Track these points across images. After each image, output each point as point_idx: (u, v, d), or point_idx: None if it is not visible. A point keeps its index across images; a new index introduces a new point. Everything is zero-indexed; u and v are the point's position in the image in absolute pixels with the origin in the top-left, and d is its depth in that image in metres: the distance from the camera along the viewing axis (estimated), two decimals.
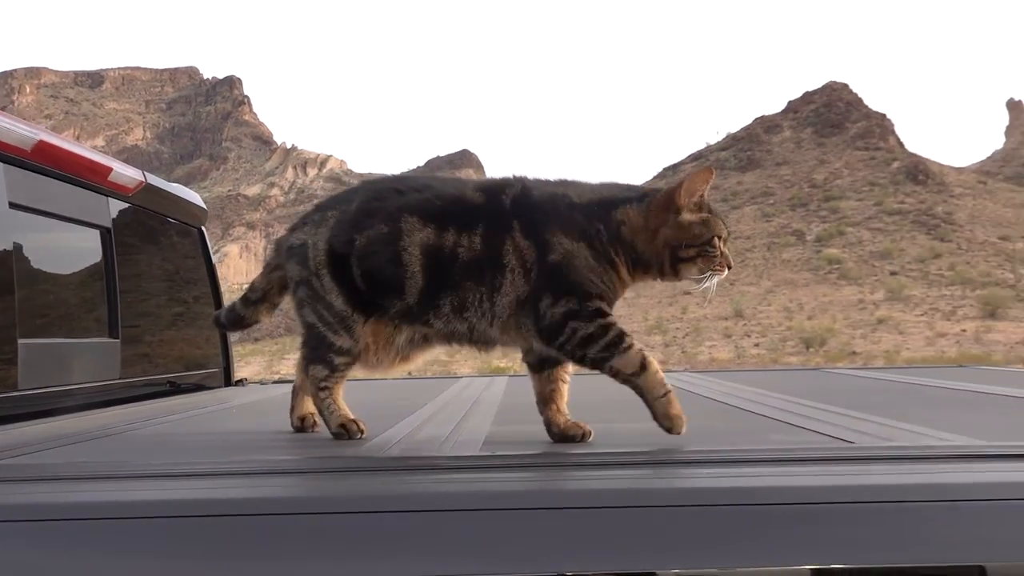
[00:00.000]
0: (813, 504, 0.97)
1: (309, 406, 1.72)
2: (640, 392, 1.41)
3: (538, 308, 1.41)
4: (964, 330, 48.67)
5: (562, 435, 1.49)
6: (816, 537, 0.94)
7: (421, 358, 1.64)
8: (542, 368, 1.53)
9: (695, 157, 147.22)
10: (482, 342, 1.51)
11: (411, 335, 1.54)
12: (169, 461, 1.33)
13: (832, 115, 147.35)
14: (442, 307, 1.46)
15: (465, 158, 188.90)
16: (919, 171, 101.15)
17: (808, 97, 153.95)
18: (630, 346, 1.41)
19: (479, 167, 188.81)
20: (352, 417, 1.58)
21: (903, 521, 0.94)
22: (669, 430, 1.40)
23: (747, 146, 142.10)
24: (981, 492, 0.98)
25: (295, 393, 1.76)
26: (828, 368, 3.27)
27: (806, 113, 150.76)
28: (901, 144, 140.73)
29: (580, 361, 1.44)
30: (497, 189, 1.49)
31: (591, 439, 1.47)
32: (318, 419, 1.68)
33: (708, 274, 1.46)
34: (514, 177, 1.53)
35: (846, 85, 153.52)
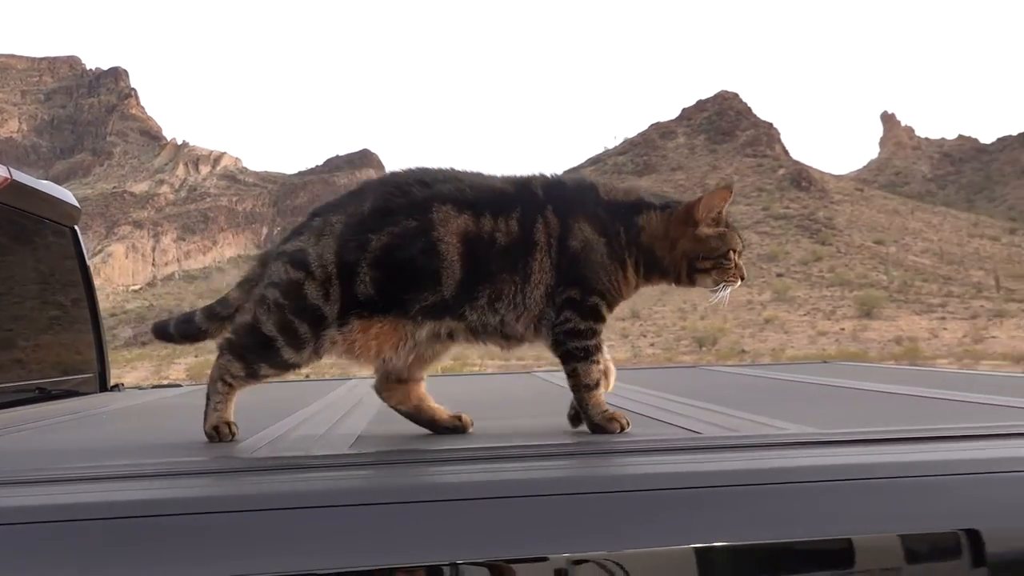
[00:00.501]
0: (654, 491, 1.03)
1: (418, 392, 1.63)
2: (580, 403, 1.48)
3: (552, 290, 1.45)
4: (843, 329, 51.54)
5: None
6: (655, 520, 1.00)
7: (444, 356, 1.61)
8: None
9: (594, 160, 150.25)
10: (510, 337, 1.49)
11: (435, 330, 1.48)
12: (28, 467, 1.28)
13: (723, 123, 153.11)
14: (479, 298, 1.44)
15: (365, 158, 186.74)
16: (803, 178, 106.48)
17: (701, 105, 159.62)
18: (597, 361, 1.47)
19: (379, 167, 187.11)
20: (226, 420, 1.53)
21: (737, 503, 1.03)
22: (599, 431, 1.47)
23: (644, 151, 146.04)
24: (803, 475, 1.08)
25: (418, 415, 1.62)
26: (706, 366, 3.45)
27: (699, 120, 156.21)
28: (787, 152, 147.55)
29: (555, 347, 1.47)
30: (527, 180, 1.52)
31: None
32: (429, 404, 1.62)
33: (722, 285, 1.51)
34: (539, 173, 1.56)
35: (736, 95, 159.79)
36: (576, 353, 1.45)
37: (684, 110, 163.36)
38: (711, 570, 1.00)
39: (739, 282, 1.50)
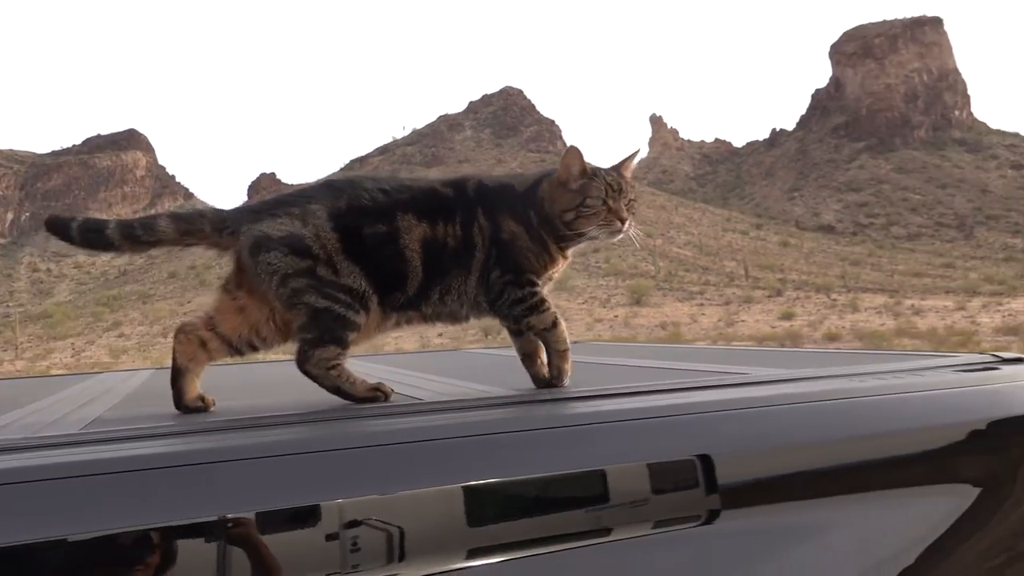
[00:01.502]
0: (376, 447, 1.19)
1: (197, 387, 1.65)
2: (547, 344, 1.67)
3: (489, 279, 1.64)
4: (616, 315, 55.19)
5: (547, 383, 1.72)
6: (373, 471, 1.16)
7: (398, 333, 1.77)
8: (521, 332, 1.73)
9: (382, 150, 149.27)
10: (455, 318, 1.68)
11: (399, 320, 1.64)
12: None
13: (508, 118, 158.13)
14: (434, 292, 1.62)
15: (132, 139, 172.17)
16: None
17: (487, 99, 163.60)
18: (547, 308, 1.66)
19: (149, 149, 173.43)
20: (376, 382, 1.60)
21: (440, 454, 1.21)
22: (555, 378, 1.68)
23: (432, 142, 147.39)
24: (488, 428, 1.27)
25: (181, 375, 1.61)
26: (469, 349, 3.63)
27: (485, 115, 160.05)
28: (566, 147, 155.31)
29: (506, 317, 1.66)
30: (462, 183, 1.69)
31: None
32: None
33: (602, 229, 1.66)
34: (471, 174, 1.74)
35: (521, 91, 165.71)
36: (524, 313, 1.65)
37: (471, 104, 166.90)
38: (429, 510, 1.16)
39: (620, 223, 1.65)
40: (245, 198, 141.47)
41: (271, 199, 1.62)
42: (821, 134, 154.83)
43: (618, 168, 1.73)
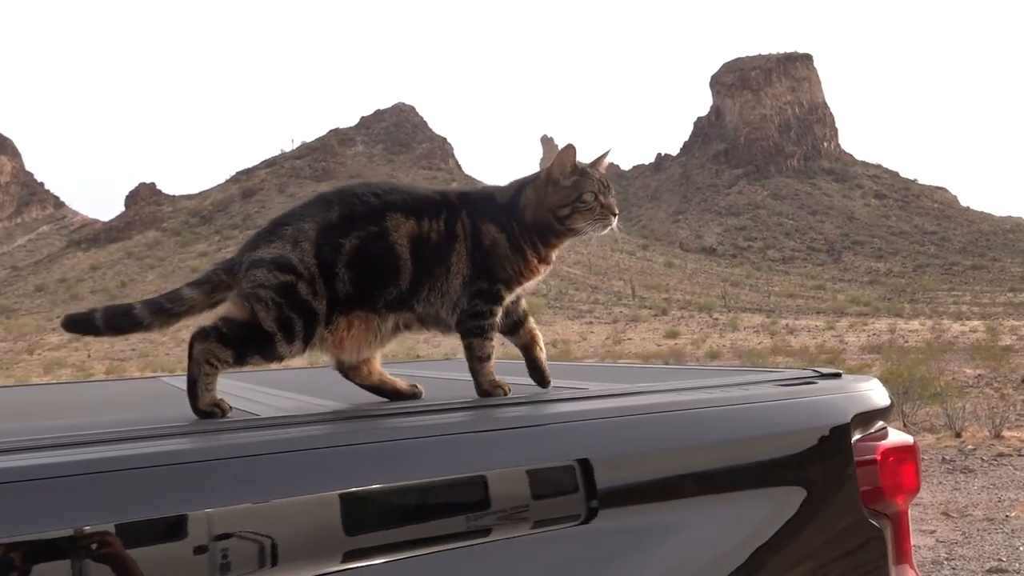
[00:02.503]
0: (198, 463, 1.18)
1: (376, 368, 1.76)
2: (473, 371, 1.72)
3: (469, 282, 1.68)
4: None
5: (546, 380, 1.80)
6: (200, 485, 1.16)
7: (395, 342, 1.78)
8: (516, 329, 1.79)
9: (270, 163, 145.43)
10: (446, 324, 1.70)
11: (397, 321, 1.67)
12: None
13: (401, 134, 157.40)
14: (421, 291, 1.65)
15: None
16: None
17: (380, 115, 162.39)
18: (490, 339, 1.70)
19: (15, 153, 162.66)
20: (219, 399, 1.57)
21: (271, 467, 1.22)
22: (486, 393, 1.72)
23: (322, 156, 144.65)
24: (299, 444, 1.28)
25: (380, 389, 1.76)
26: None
27: (377, 130, 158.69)
28: (459, 166, 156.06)
29: (459, 325, 1.69)
30: (446, 192, 1.74)
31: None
32: (388, 378, 1.77)
33: (594, 224, 1.72)
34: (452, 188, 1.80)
35: (413, 108, 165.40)
36: (474, 330, 1.68)
37: (363, 118, 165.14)
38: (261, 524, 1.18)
39: (612, 217, 1.73)
40: (122, 208, 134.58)
41: (264, 228, 1.66)
42: (703, 160, 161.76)
43: (597, 163, 1.79)
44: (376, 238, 1.61)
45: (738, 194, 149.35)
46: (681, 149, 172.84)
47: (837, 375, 1.95)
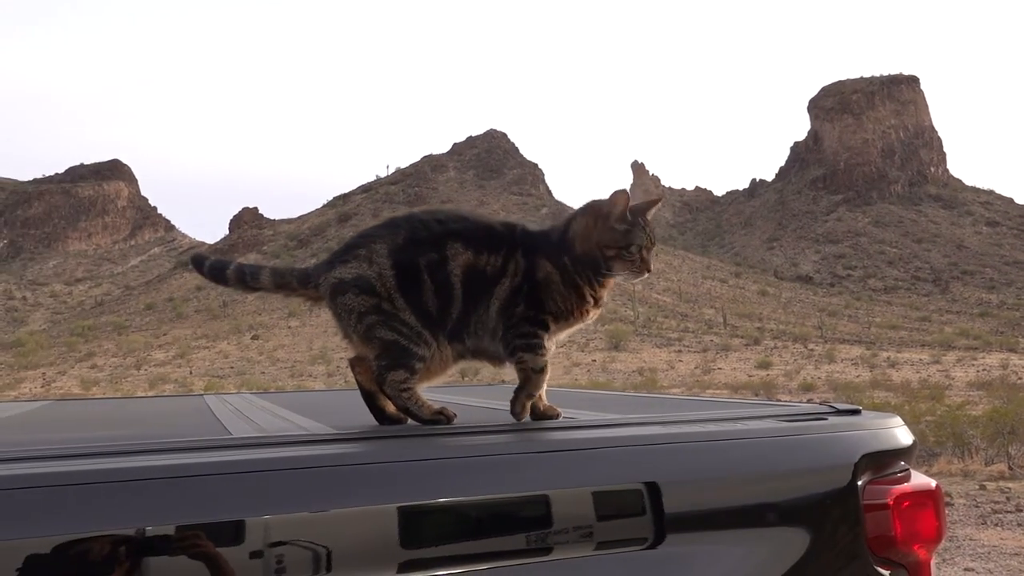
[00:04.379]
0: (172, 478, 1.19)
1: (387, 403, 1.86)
2: (525, 381, 1.76)
3: (514, 312, 1.74)
4: (595, 360, 55.24)
5: (543, 415, 1.84)
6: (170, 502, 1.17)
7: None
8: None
9: (365, 188, 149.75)
10: (493, 356, 1.79)
11: (458, 351, 1.77)
12: None
13: (492, 160, 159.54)
14: (470, 322, 1.74)
15: (116, 169, 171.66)
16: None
17: (471, 142, 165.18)
18: (543, 354, 1.76)
19: (131, 179, 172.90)
20: (440, 407, 1.74)
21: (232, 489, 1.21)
22: (515, 413, 1.77)
23: (415, 182, 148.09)
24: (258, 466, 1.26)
25: (373, 398, 1.81)
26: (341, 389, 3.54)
27: (469, 156, 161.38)
28: (550, 192, 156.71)
29: (506, 345, 1.75)
30: (510, 224, 1.83)
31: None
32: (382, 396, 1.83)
33: (630, 273, 1.77)
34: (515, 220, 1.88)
35: (505, 134, 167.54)
36: (523, 346, 1.74)
37: (455, 145, 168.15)
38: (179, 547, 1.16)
39: (645, 274, 1.78)
40: (227, 231, 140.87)
41: (342, 247, 1.79)
42: (800, 186, 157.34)
43: (644, 213, 1.83)
44: (437, 265, 1.71)
45: (837, 221, 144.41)
46: (777, 175, 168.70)
47: (856, 411, 1.82)
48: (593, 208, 1.79)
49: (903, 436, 1.74)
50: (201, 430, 1.75)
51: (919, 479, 1.69)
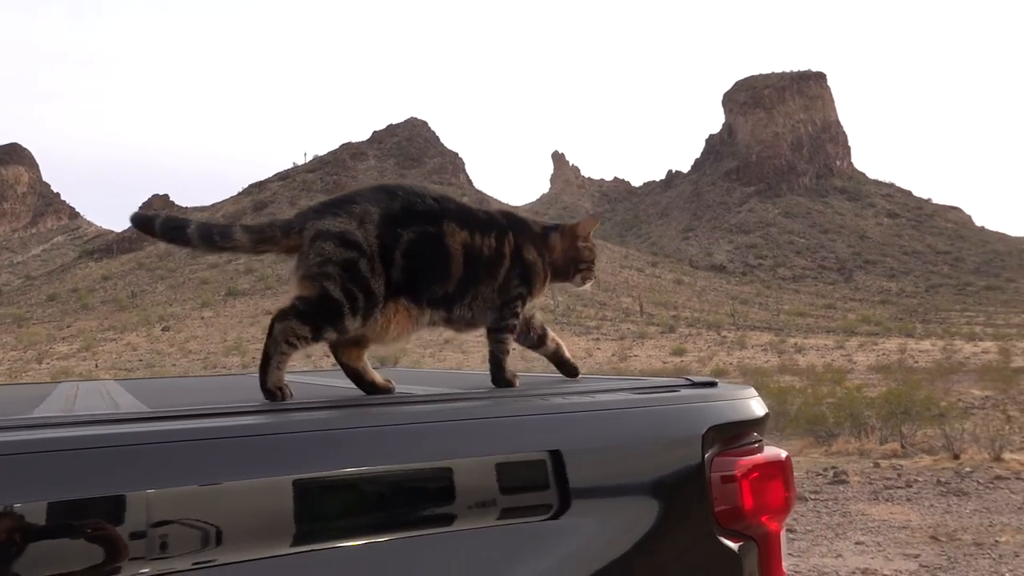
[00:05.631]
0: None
1: (363, 356, 1.84)
2: (497, 363, 1.88)
3: (510, 286, 1.86)
4: (514, 348, 55.46)
5: (575, 370, 2.06)
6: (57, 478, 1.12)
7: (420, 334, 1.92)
8: (543, 341, 2.03)
9: (282, 176, 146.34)
10: (473, 324, 1.87)
11: (432, 318, 1.79)
12: None
13: (412, 149, 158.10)
14: (467, 296, 1.80)
15: (15, 153, 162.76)
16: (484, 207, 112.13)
17: (392, 130, 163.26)
18: (513, 335, 1.91)
19: (32, 164, 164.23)
20: (281, 384, 1.64)
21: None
22: (510, 384, 1.87)
23: (333, 170, 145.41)
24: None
25: (361, 375, 1.81)
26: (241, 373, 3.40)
27: (389, 145, 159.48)
28: (470, 181, 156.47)
29: (496, 322, 1.86)
30: (491, 212, 1.92)
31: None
32: (369, 369, 1.84)
33: (587, 281, 2.02)
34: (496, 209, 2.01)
35: (426, 123, 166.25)
36: (508, 328, 1.87)
37: (375, 133, 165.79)
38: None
39: (593, 279, 2.04)
40: None
41: (331, 200, 1.76)
42: (714, 177, 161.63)
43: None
44: (433, 238, 1.73)
45: (749, 212, 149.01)
46: (692, 166, 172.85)
47: (712, 384, 1.81)
48: (571, 230, 2.01)
49: (756, 408, 1.75)
50: None
51: (770, 451, 1.69)
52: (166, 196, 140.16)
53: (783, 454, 1.70)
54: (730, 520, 1.57)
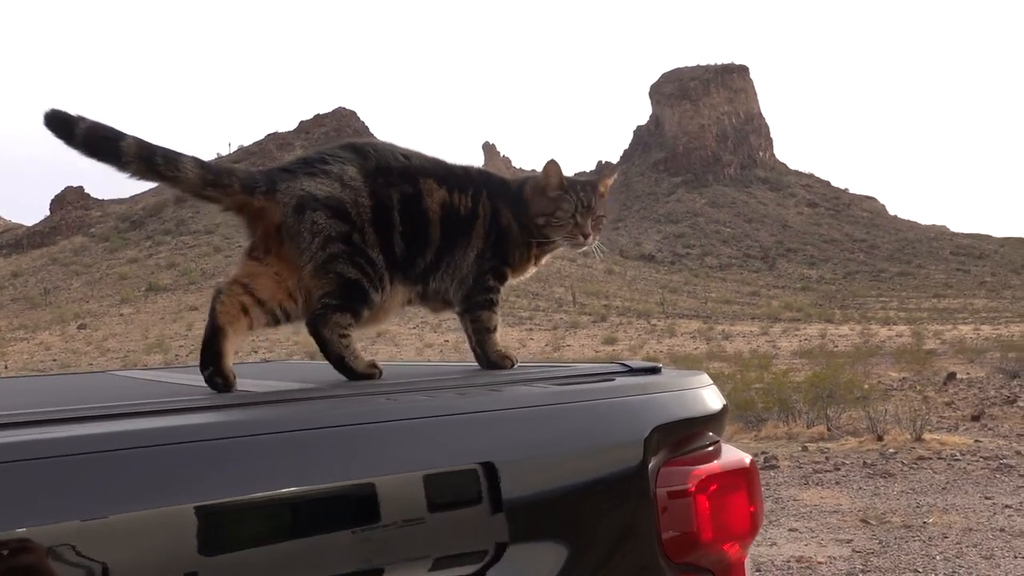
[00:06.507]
0: None
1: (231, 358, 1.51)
2: (481, 345, 1.67)
3: (484, 258, 1.65)
4: (447, 340, 55.22)
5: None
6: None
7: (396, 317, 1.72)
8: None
9: None
10: (445, 301, 1.67)
11: (409, 295, 1.62)
12: None
13: (341, 139, 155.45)
14: (440, 267, 1.61)
15: None
16: None
17: (319, 119, 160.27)
18: (497, 312, 1.69)
19: None
20: (372, 360, 1.57)
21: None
22: (503, 366, 1.66)
23: (260, 160, 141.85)
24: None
25: (220, 335, 1.42)
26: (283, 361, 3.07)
27: (317, 135, 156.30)
28: None
29: (466, 299, 1.65)
30: (466, 167, 1.72)
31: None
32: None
33: (565, 239, 1.71)
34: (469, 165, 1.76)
35: (355, 112, 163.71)
36: (484, 303, 1.66)
37: (302, 123, 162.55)
38: None
39: (583, 238, 1.72)
40: (47, 212, 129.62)
41: (299, 158, 1.54)
42: (643, 168, 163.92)
43: (594, 184, 1.78)
44: (413, 199, 1.56)
45: (677, 202, 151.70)
46: (621, 157, 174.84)
47: (654, 370, 1.46)
48: (533, 181, 1.74)
49: (711, 400, 1.38)
50: None
51: (731, 454, 1.34)
52: (80, 188, 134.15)
53: (747, 459, 1.36)
54: (682, 550, 1.22)
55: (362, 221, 1.49)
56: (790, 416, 12.34)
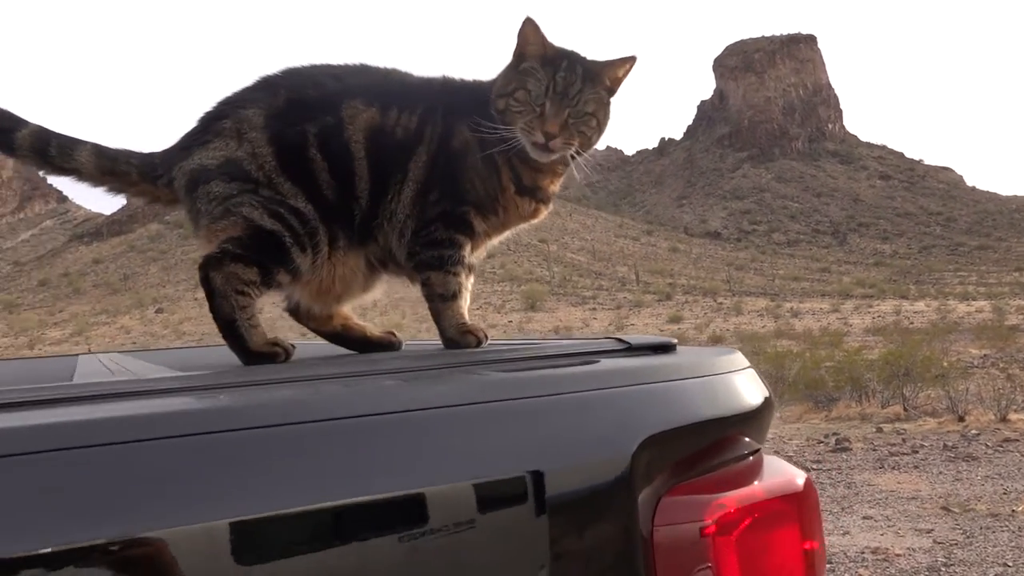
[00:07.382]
0: None
1: (341, 312, 1.41)
2: (436, 316, 1.32)
3: (427, 199, 1.29)
4: (511, 321, 55.33)
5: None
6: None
7: (380, 288, 1.41)
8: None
9: None
10: (397, 263, 1.34)
11: (368, 259, 1.33)
12: None
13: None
14: (379, 209, 1.28)
15: None
16: None
17: None
18: (456, 273, 1.31)
19: None
20: (275, 338, 1.25)
21: None
22: (467, 345, 1.32)
23: None
24: None
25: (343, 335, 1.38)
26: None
27: None
28: None
29: (410, 256, 1.30)
30: (429, 77, 1.38)
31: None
32: (356, 322, 1.43)
33: (523, 133, 1.27)
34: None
35: None
36: (431, 261, 1.29)
37: None
38: None
39: (541, 137, 1.25)
40: (124, 202, 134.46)
41: (197, 126, 1.30)
42: (707, 144, 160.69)
43: (595, 67, 1.33)
44: (332, 133, 1.25)
45: (743, 178, 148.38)
46: (685, 133, 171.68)
47: (667, 347, 1.07)
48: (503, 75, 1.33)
49: (746, 390, 0.97)
50: None
51: (777, 472, 0.93)
52: None
53: (799, 478, 0.93)
54: None
55: (266, 173, 1.22)
56: (863, 396, 11.86)
